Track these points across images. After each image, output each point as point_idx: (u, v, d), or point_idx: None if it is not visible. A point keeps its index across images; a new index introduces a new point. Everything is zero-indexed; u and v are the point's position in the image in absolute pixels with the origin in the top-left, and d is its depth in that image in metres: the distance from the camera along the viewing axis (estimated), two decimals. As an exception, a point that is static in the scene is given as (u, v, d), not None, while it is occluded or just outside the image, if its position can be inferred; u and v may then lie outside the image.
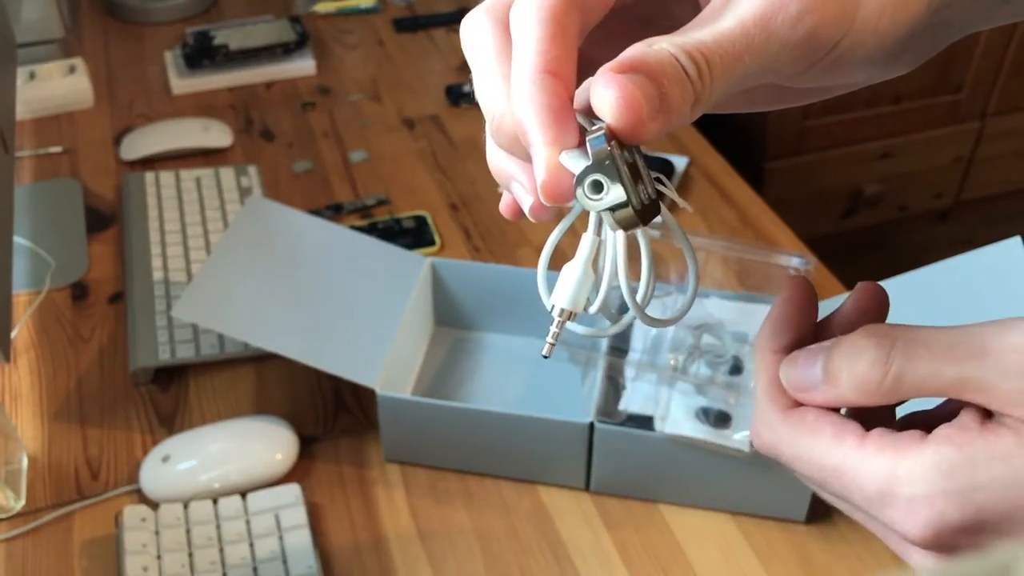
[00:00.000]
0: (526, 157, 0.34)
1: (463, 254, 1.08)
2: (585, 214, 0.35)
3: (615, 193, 0.31)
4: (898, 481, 0.32)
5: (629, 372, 0.84)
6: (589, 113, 0.32)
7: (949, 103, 1.81)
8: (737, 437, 0.79)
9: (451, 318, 0.97)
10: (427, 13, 1.51)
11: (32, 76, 1.31)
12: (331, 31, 1.48)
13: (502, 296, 0.95)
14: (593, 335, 0.38)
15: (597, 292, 0.35)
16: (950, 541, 0.32)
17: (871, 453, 0.33)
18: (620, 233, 0.33)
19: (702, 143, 1.24)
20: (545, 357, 0.36)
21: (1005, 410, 0.32)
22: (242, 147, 1.25)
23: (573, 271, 0.35)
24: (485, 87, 0.35)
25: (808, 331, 0.38)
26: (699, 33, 0.32)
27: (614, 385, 0.84)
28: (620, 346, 0.87)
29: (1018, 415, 0.32)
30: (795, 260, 0.91)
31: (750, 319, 0.89)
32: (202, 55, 1.35)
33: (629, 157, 0.32)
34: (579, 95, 0.34)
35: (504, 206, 0.37)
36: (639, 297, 0.35)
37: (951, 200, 1.98)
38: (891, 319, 0.40)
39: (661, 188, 0.34)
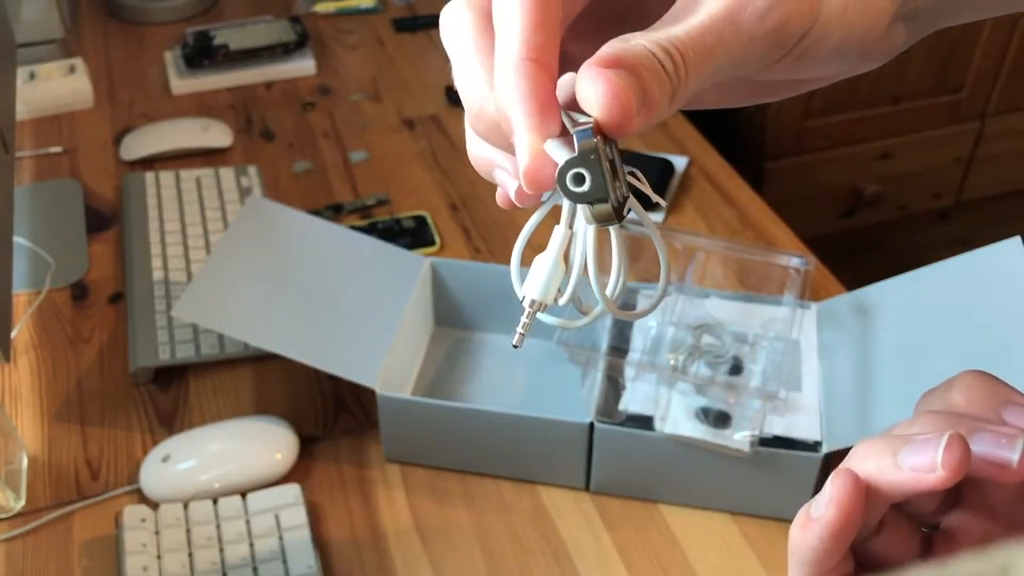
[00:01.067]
0: (507, 146, 0.34)
1: (463, 254, 1.08)
2: (557, 208, 0.35)
3: (596, 187, 0.32)
4: None
5: (629, 372, 0.84)
6: (570, 107, 0.33)
7: (949, 103, 1.81)
8: (737, 437, 0.79)
9: (451, 318, 0.97)
10: (427, 13, 1.51)
11: (32, 76, 1.31)
12: (331, 31, 1.48)
13: (502, 296, 0.95)
14: (562, 325, 0.38)
15: (570, 283, 0.35)
16: None
17: None
18: (592, 226, 0.34)
19: (702, 143, 1.24)
20: (515, 347, 0.37)
21: None
22: (242, 147, 1.25)
23: (544, 263, 0.36)
24: (466, 76, 0.35)
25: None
26: (672, 29, 0.32)
27: (614, 385, 0.84)
28: (620, 346, 0.87)
29: None
30: (795, 260, 0.91)
31: (750, 319, 0.89)
32: (202, 55, 1.35)
33: (609, 153, 0.32)
34: (558, 88, 0.34)
35: (498, 197, 0.37)
36: (609, 290, 0.35)
37: (951, 200, 1.98)
38: (891, 319, 0.39)
39: (636, 183, 0.34)
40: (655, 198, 0.36)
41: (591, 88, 0.31)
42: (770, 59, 0.34)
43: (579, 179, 0.32)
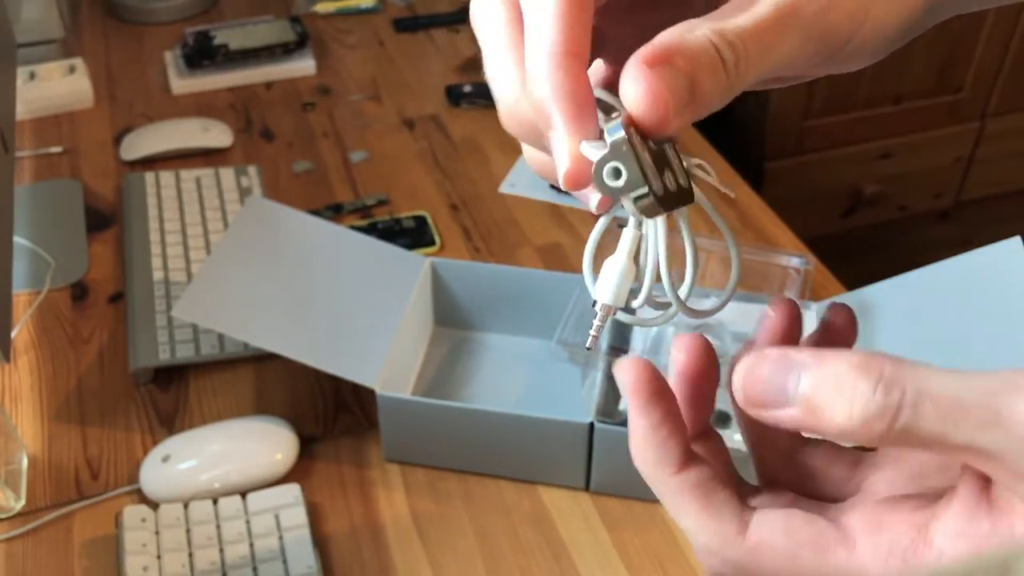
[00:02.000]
0: (541, 143, 0.33)
1: (463, 254, 1.08)
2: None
3: (633, 179, 0.31)
4: None
5: (629, 372, 0.84)
6: (605, 88, 0.32)
7: (949, 103, 1.81)
8: (737, 437, 0.79)
9: (451, 318, 0.97)
10: (427, 13, 1.51)
11: (32, 76, 1.31)
12: (331, 31, 1.48)
13: (502, 296, 0.95)
14: (639, 323, 0.37)
15: (641, 285, 0.35)
16: None
17: (872, 564, 0.30)
18: (661, 227, 0.33)
19: (702, 143, 1.24)
20: (588, 348, 0.36)
21: (1011, 485, 0.29)
22: (242, 147, 1.25)
23: (615, 266, 0.35)
24: (498, 73, 0.33)
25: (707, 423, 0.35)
26: (738, 19, 0.31)
27: (614, 385, 0.84)
28: (620, 346, 0.87)
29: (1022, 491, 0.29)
30: (795, 260, 0.91)
31: (750, 319, 0.89)
32: (202, 55, 1.35)
33: (654, 145, 0.31)
34: (592, 72, 0.33)
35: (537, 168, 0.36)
36: (683, 291, 0.34)
37: (951, 200, 1.98)
38: (892, 319, 0.39)
39: (701, 174, 0.34)
40: (723, 189, 0.35)
41: (632, 87, 0.30)
42: (818, 59, 0.33)
43: (616, 173, 0.31)
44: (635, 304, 0.35)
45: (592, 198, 0.33)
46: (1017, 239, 0.78)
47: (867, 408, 0.29)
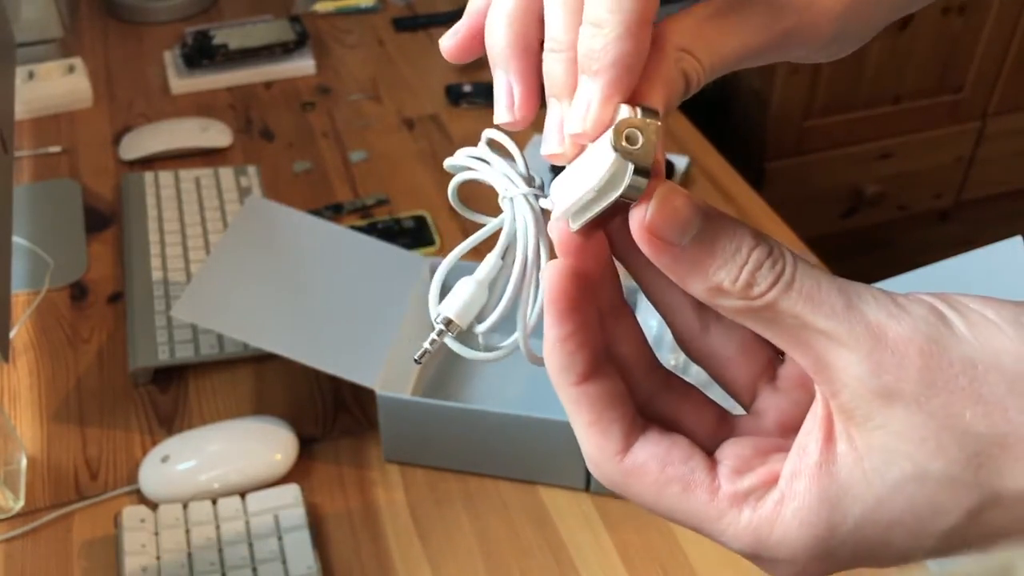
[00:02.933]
0: (560, 86, 0.34)
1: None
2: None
3: (647, 152, 0.31)
4: (762, 548, 0.31)
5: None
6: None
7: (949, 103, 1.81)
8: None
9: (451, 318, 0.97)
10: (427, 13, 1.51)
11: (31, 76, 1.31)
12: (331, 31, 1.48)
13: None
14: (469, 355, 0.37)
15: (493, 313, 0.35)
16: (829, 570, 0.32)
17: (729, 511, 0.32)
18: (523, 266, 0.35)
19: (703, 143, 1.24)
20: (416, 361, 0.37)
21: (850, 411, 0.30)
22: (242, 147, 1.25)
23: (468, 286, 0.36)
24: (564, 14, 0.34)
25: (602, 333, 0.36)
26: (687, 20, 0.34)
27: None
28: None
29: (850, 410, 0.30)
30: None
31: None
32: (201, 55, 1.35)
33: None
34: None
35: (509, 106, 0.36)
36: (520, 333, 0.36)
37: (951, 200, 1.98)
38: None
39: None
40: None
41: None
42: (774, 43, 0.35)
43: (634, 139, 0.31)
44: (478, 330, 0.36)
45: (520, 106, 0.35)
46: (1017, 239, 0.78)
47: (753, 268, 0.30)
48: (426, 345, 0.36)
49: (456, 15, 0.38)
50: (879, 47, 1.64)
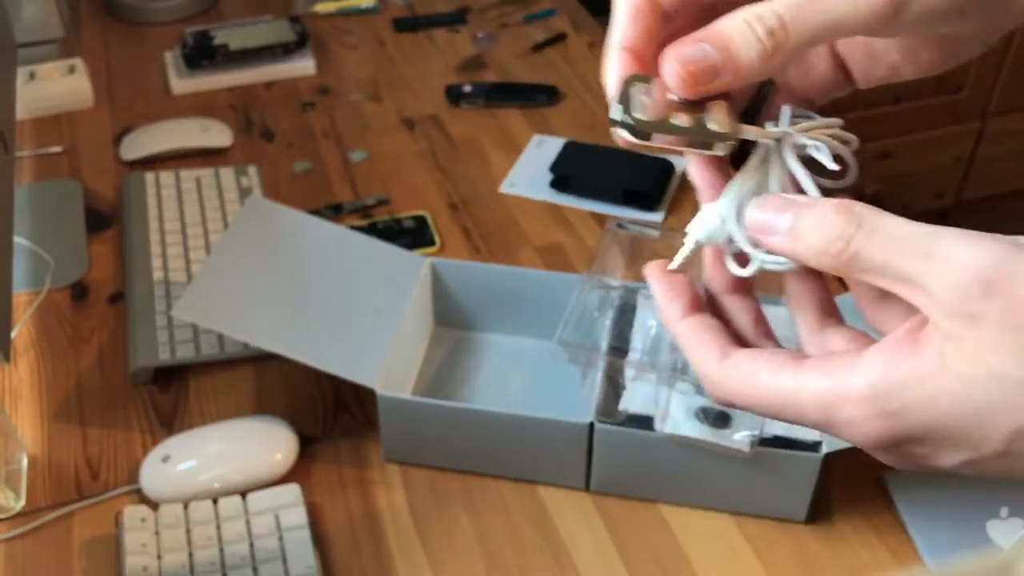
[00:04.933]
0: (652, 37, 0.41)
1: (463, 254, 1.08)
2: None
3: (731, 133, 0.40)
4: (836, 407, 0.36)
5: (629, 372, 0.84)
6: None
7: (949, 103, 1.81)
8: (737, 437, 0.79)
9: (451, 318, 0.97)
10: (427, 13, 1.51)
11: (32, 76, 1.31)
12: (331, 31, 1.48)
13: (502, 296, 0.95)
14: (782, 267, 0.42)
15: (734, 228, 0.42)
16: (891, 449, 0.36)
17: (810, 381, 0.37)
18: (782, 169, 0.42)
19: (702, 143, 1.24)
20: (672, 271, 0.44)
21: (936, 318, 0.34)
22: (242, 147, 1.25)
23: (714, 214, 0.43)
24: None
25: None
26: None
27: (614, 385, 0.84)
28: (620, 346, 0.87)
29: (944, 328, 0.34)
30: (795, 260, 0.91)
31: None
32: (202, 55, 1.35)
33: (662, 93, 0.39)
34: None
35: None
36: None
37: (951, 200, 1.98)
38: None
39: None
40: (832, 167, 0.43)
41: (663, 67, 0.38)
42: (877, 20, 0.37)
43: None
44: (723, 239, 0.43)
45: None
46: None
47: (830, 231, 0.36)
48: (679, 259, 0.44)
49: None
50: (879, 47, 1.64)
